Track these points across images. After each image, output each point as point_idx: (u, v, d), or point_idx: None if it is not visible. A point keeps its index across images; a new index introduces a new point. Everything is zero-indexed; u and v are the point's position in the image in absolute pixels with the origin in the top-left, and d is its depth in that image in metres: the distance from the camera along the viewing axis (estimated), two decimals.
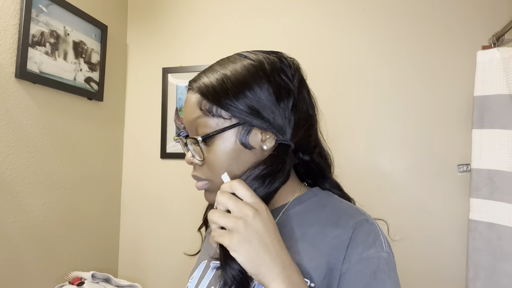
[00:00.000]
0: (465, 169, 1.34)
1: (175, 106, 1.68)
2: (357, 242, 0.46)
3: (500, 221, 1.19)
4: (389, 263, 0.46)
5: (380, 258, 0.45)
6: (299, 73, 0.53)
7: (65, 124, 1.38)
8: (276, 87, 0.49)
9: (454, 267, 1.33)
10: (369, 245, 0.46)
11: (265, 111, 0.48)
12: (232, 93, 0.47)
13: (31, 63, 1.20)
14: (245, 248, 0.39)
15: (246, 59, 0.51)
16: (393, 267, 0.46)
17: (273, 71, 0.50)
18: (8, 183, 1.14)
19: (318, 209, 0.52)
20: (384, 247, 0.47)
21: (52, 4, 1.28)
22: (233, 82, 0.48)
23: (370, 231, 0.47)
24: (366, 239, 0.46)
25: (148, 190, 1.71)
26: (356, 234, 0.47)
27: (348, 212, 0.51)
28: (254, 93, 0.48)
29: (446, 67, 1.40)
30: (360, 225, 0.48)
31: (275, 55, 0.53)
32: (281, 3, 1.59)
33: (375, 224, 0.49)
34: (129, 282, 1.40)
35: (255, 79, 0.48)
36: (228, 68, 0.50)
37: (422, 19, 1.43)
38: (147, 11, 1.77)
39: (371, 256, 0.45)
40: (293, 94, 0.50)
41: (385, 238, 0.48)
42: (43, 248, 1.27)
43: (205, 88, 0.49)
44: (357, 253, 0.45)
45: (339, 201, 0.54)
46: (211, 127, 0.49)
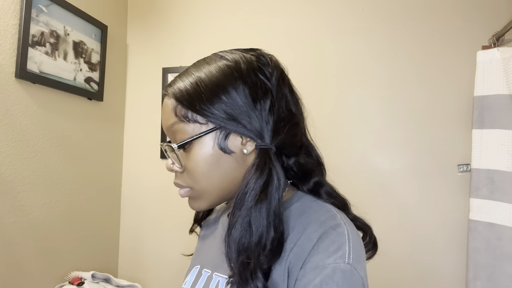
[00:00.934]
0: (465, 169, 1.34)
1: None
2: (318, 250, 0.43)
3: (500, 221, 1.19)
4: (346, 276, 0.40)
5: (336, 269, 0.40)
6: (278, 70, 0.50)
7: (65, 124, 1.38)
8: (253, 87, 0.47)
9: (454, 267, 1.33)
10: (329, 254, 0.42)
11: (241, 115, 0.46)
12: (207, 98, 0.46)
13: (31, 63, 1.20)
14: None
15: (222, 59, 0.49)
16: (350, 283, 0.41)
17: (249, 71, 0.48)
18: (8, 183, 1.14)
19: (296, 217, 0.49)
20: (346, 258, 0.41)
21: (52, 4, 1.28)
22: (207, 85, 0.47)
23: (336, 239, 0.43)
24: (328, 247, 0.42)
25: (148, 190, 1.71)
26: (319, 242, 0.43)
27: (321, 219, 0.47)
28: (230, 97, 0.46)
29: (446, 67, 1.40)
30: (327, 233, 0.44)
31: (252, 53, 0.51)
32: (281, 3, 1.59)
33: (344, 234, 0.44)
34: (129, 282, 1.40)
35: (230, 81, 0.47)
36: (203, 71, 0.49)
37: (422, 19, 1.43)
38: (147, 11, 1.77)
39: (327, 265, 0.41)
40: (270, 94, 0.48)
41: (353, 249, 0.43)
42: (43, 248, 1.27)
43: (179, 93, 0.48)
44: (314, 260, 0.42)
45: (319, 207, 0.50)
46: (188, 133, 0.48)
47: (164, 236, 1.67)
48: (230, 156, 0.48)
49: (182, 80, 0.49)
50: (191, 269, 0.61)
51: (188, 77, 0.49)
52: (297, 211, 0.50)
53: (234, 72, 0.47)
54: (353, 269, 0.41)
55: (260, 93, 0.47)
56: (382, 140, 1.45)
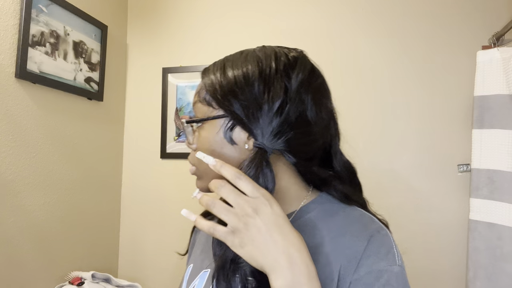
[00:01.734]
0: (465, 169, 1.34)
1: (175, 106, 1.68)
2: (368, 254, 0.45)
3: (500, 221, 1.19)
4: (400, 278, 0.44)
5: (391, 272, 0.43)
6: (305, 74, 0.48)
7: (65, 124, 1.38)
8: (267, 85, 0.47)
9: (454, 267, 1.33)
10: (381, 257, 0.44)
11: (249, 110, 0.46)
12: (224, 88, 0.48)
13: (31, 63, 1.20)
14: (248, 248, 0.39)
15: (254, 54, 0.50)
16: (405, 283, 0.44)
17: (271, 69, 0.48)
18: (8, 183, 1.14)
19: (329, 217, 0.50)
20: (396, 260, 0.45)
21: (52, 4, 1.28)
22: (229, 77, 0.48)
23: (383, 242, 0.46)
24: (379, 250, 0.45)
25: (148, 190, 1.71)
26: (369, 246, 0.45)
27: (362, 221, 0.49)
28: (244, 92, 0.47)
29: (446, 67, 1.40)
30: (373, 236, 0.46)
31: (287, 51, 0.51)
32: (281, 3, 1.59)
33: (388, 235, 0.48)
34: (129, 282, 1.40)
35: (249, 78, 0.47)
36: (231, 62, 0.50)
37: (422, 19, 1.43)
38: (147, 11, 1.77)
39: (382, 269, 0.43)
40: (284, 94, 0.46)
41: (397, 250, 0.47)
42: (43, 248, 1.27)
43: (207, 77, 0.51)
44: (367, 264, 0.44)
45: (350, 208, 0.52)
46: (201, 113, 0.51)
47: (164, 236, 1.67)
48: (233, 147, 0.48)
49: (214, 65, 0.52)
50: (198, 272, 0.58)
51: (218, 65, 0.51)
52: (326, 213, 0.51)
53: (257, 70, 0.48)
54: (403, 270, 0.45)
55: (273, 92, 0.46)
56: (382, 140, 1.45)
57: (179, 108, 1.68)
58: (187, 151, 1.71)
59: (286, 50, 0.51)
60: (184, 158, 1.66)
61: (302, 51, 0.53)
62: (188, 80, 1.67)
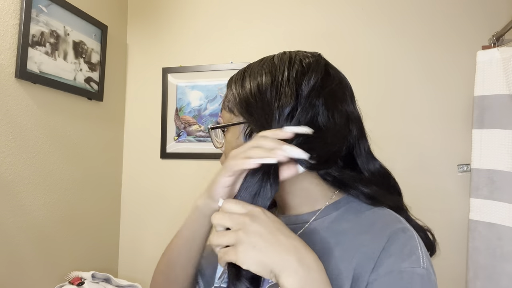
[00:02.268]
0: (465, 169, 1.34)
1: (175, 106, 1.68)
2: (389, 252, 0.42)
3: (500, 221, 1.19)
4: (424, 281, 0.41)
5: (414, 274, 0.41)
6: (314, 78, 0.49)
7: (65, 124, 1.38)
8: (279, 91, 0.48)
9: (454, 267, 1.33)
10: (403, 257, 0.42)
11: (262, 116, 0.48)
12: (241, 97, 0.52)
13: (31, 63, 1.20)
14: (252, 255, 0.37)
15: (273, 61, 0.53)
16: (430, 286, 0.41)
17: (283, 76, 0.49)
18: (8, 183, 1.14)
19: (354, 216, 0.49)
20: (421, 262, 0.42)
21: (52, 4, 1.28)
22: (246, 87, 0.52)
23: (407, 243, 0.43)
24: (401, 250, 0.43)
25: (148, 190, 1.71)
26: (390, 243, 0.43)
27: (385, 219, 0.47)
28: (259, 99, 0.50)
29: (446, 67, 1.40)
30: (396, 234, 0.44)
31: (302, 55, 0.52)
32: (282, 4, 1.59)
33: (414, 237, 0.45)
34: (129, 282, 1.40)
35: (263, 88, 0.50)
36: (252, 71, 0.53)
37: (422, 19, 1.43)
38: (147, 11, 1.77)
39: (404, 270, 0.41)
40: (294, 100, 0.47)
41: (425, 254, 0.44)
42: (43, 248, 1.27)
43: (230, 90, 0.55)
44: (387, 263, 0.42)
45: (377, 208, 0.50)
46: (225, 119, 0.56)
47: (164, 236, 1.67)
48: None
49: (237, 75, 0.56)
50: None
51: (240, 75, 0.56)
52: (353, 211, 0.50)
53: (270, 79, 0.50)
54: (429, 273, 0.42)
55: (283, 99, 0.48)
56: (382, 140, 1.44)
57: (179, 108, 1.67)
58: (187, 151, 1.72)
59: (303, 55, 0.52)
60: (184, 158, 1.66)
61: (319, 55, 0.54)
62: (188, 80, 1.67)
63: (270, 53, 0.56)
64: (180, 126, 1.67)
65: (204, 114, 1.64)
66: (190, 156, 1.65)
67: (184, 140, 1.66)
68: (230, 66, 1.60)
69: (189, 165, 1.66)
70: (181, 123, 1.67)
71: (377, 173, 0.55)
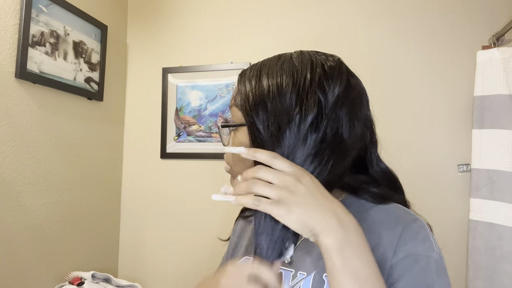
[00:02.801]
0: (465, 169, 1.34)
1: (175, 106, 1.68)
2: (405, 240, 0.45)
3: (500, 221, 1.19)
4: (440, 265, 0.45)
5: (430, 258, 0.44)
6: (339, 87, 0.47)
7: (65, 124, 1.38)
8: (303, 99, 0.45)
9: (454, 267, 1.33)
10: (418, 242, 0.45)
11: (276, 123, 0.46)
12: (256, 98, 0.48)
13: (31, 63, 1.20)
14: (296, 213, 0.39)
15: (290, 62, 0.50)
16: (444, 270, 0.45)
17: (311, 84, 0.46)
18: (8, 183, 1.14)
19: (363, 213, 0.51)
20: (434, 247, 0.46)
21: (52, 4, 1.28)
22: (262, 87, 0.48)
23: (419, 231, 0.47)
24: (415, 237, 0.46)
25: (148, 190, 1.71)
26: (404, 233, 0.46)
27: (396, 212, 0.50)
28: (275, 103, 0.46)
29: (446, 67, 1.40)
30: (409, 224, 0.47)
31: (324, 59, 0.50)
32: (282, 4, 1.59)
33: (424, 227, 0.48)
34: (129, 282, 1.40)
35: (282, 89, 0.47)
36: (268, 69, 0.50)
37: (422, 19, 1.43)
38: (147, 11, 1.77)
39: (419, 253, 0.44)
40: (316, 110, 0.45)
41: (435, 241, 0.47)
42: (43, 248, 1.27)
43: (243, 87, 0.51)
44: (404, 249, 0.45)
45: (385, 204, 0.52)
46: (236, 117, 0.53)
47: (164, 236, 1.67)
48: None
49: (251, 70, 0.52)
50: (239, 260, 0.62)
51: (255, 71, 0.51)
52: (361, 208, 0.51)
53: (291, 81, 0.47)
54: (442, 258, 0.46)
55: (306, 105, 0.45)
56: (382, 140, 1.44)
57: (179, 108, 1.67)
58: (187, 151, 1.72)
59: (323, 58, 0.50)
60: (184, 158, 1.66)
61: (339, 59, 0.52)
62: (188, 80, 1.67)
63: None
64: (180, 126, 1.67)
65: (204, 114, 1.64)
66: (190, 156, 1.65)
67: (184, 140, 1.66)
68: (230, 66, 1.60)
69: (189, 165, 1.66)
70: (181, 123, 1.67)
71: (384, 175, 0.56)
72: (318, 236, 0.38)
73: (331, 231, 0.38)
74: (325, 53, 0.52)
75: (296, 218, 0.39)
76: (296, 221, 0.39)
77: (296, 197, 0.39)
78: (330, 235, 0.38)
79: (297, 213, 0.39)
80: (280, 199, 0.39)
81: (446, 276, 0.45)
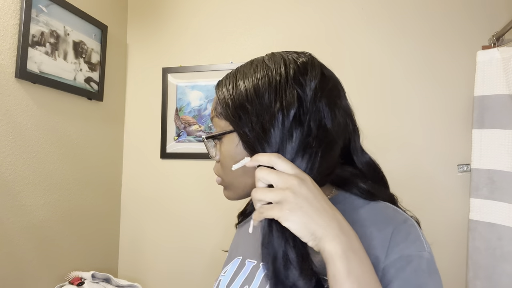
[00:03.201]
0: (465, 169, 1.34)
1: (175, 106, 1.68)
2: (396, 242, 0.45)
3: (500, 221, 1.19)
4: (431, 264, 0.45)
5: (422, 258, 0.44)
6: (315, 79, 0.48)
7: (65, 124, 1.38)
8: (282, 95, 0.46)
9: (454, 267, 1.33)
10: (409, 243, 0.45)
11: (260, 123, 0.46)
12: (236, 103, 0.49)
13: (31, 63, 1.20)
14: (298, 215, 0.38)
15: (264, 64, 0.50)
16: (435, 269, 0.45)
17: (281, 78, 0.47)
18: (8, 183, 1.14)
19: (352, 211, 0.50)
20: (425, 247, 0.46)
21: (52, 4, 1.28)
22: (239, 92, 0.49)
23: (410, 231, 0.46)
24: (406, 238, 0.46)
25: (148, 190, 1.71)
26: (395, 234, 0.46)
27: (386, 212, 0.50)
28: (255, 105, 0.47)
29: (446, 67, 1.40)
30: (399, 225, 0.47)
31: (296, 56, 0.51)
32: (282, 4, 1.59)
33: (415, 226, 0.48)
34: (129, 282, 1.40)
35: (260, 91, 0.48)
36: (243, 75, 0.51)
37: (422, 19, 1.43)
38: (147, 11, 1.77)
39: (411, 254, 0.44)
40: (296, 104, 0.45)
41: (426, 240, 0.47)
42: (43, 248, 1.27)
43: (221, 94, 0.52)
44: (396, 251, 0.45)
45: (374, 202, 0.52)
46: (220, 127, 0.53)
47: (164, 236, 1.67)
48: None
49: (226, 78, 0.53)
50: (230, 260, 0.62)
51: (230, 78, 0.53)
52: (351, 206, 0.51)
53: (267, 80, 0.48)
54: (433, 257, 0.46)
55: (285, 100, 0.46)
56: (381, 140, 1.44)
57: (179, 108, 1.67)
58: (187, 151, 1.72)
59: (295, 56, 0.51)
60: (184, 158, 1.66)
61: (310, 55, 0.53)
62: (188, 80, 1.67)
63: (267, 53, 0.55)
64: (180, 126, 1.67)
65: (204, 114, 1.64)
66: (190, 156, 1.65)
67: (184, 140, 1.66)
68: (230, 66, 1.60)
69: (189, 165, 1.66)
70: (181, 123, 1.67)
71: (369, 167, 0.56)
72: (320, 240, 0.38)
73: (334, 237, 0.38)
74: (296, 51, 0.53)
75: (298, 220, 0.38)
76: (298, 223, 0.38)
77: (299, 199, 0.39)
78: (333, 241, 0.38)
79: (299, 215, 0.38)
80: (283, 199, 0.39)
81: (437, 274, 0.45)
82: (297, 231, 0.38)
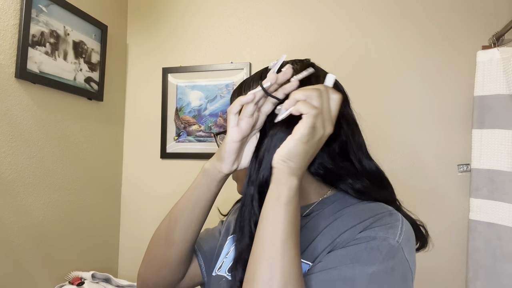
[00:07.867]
0: (465, 169, 1.34)
1: (175, 106, 1.68)
2: (371, 227, 0.45)
3: (500, 221, 1.19)
4: (392, 251, 0.42)
5: (385, 241, 0.43)
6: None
7: (65, 124, 1.38)
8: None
9: (454, 267, 1.33)
10: (382, 228, 0.45)
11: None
12: None
13: (31, 63, 1.20)
14: (319, 125, 0.44)
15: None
16: (395, 259, 0.42)
17: None
18: (8, 183, 1.14)
19: (344, 207, 0.52)
20: (397, 236, 0.44)
21: (52, 4, 1.28)
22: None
23: (389, 221, 0.46)
24: (382, 224, 0.45)
25: (148, 190, 1.71)
26: (374, 221, 0.46)
27: (372, 208, 0.50)
28: None
29: (446, 67, 1.40)
30: (382, 215, 0.47)
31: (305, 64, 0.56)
32: (282, 4, 1.59)
33: (398, 219, 0.47)
34: (129, 282, 1.40)
35: None
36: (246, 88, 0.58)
37: (422, 19, 1.43)
38: (147, 11, 1.77)
39: (376, 237, 0.43)
40: None
41: (405, 233, 0.45)
42: (43, 248, 1.27)
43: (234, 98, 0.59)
44: (365, 231, 0.45)
45: (367, 201, 0.53)
46: None
47: None
48: None
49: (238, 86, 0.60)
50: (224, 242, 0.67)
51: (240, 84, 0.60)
52: (344, 204, 0.53)
53: None
54: (400, 248, 0.43)
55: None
56: (382, 141, 1.44)
57: (179, 108, 1.67)
58: (187, 151, 1.72)
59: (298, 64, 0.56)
60: (184, 158, 1.66)
61: (312, 63, 0.57)
62: (188, 80, 1.67)
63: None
64: (180, 126, 1.67)
65: (204, 114, 1.64)
66: (190, 156, 1.65)
67: (184, 140, 1.66)
68: (230, 66, 1.60)
69: (189, 165, 1.66)
70: (181, 123, 1.67)
71: (371, 173, 0.56)
72: (291, 167, 0.43)
73: (296, 169, 0.44)
74: (299, 59, 0.58)
75: (316, 126, 0.43)
76: (313, 128, 0.43)
77: (327, 115, 0.45)
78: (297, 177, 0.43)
79: (319, 126, 0.43)
80: (321, 111, 0.44)
81: (395, 264, 0.42)
82: (306, 128, 0.42)
